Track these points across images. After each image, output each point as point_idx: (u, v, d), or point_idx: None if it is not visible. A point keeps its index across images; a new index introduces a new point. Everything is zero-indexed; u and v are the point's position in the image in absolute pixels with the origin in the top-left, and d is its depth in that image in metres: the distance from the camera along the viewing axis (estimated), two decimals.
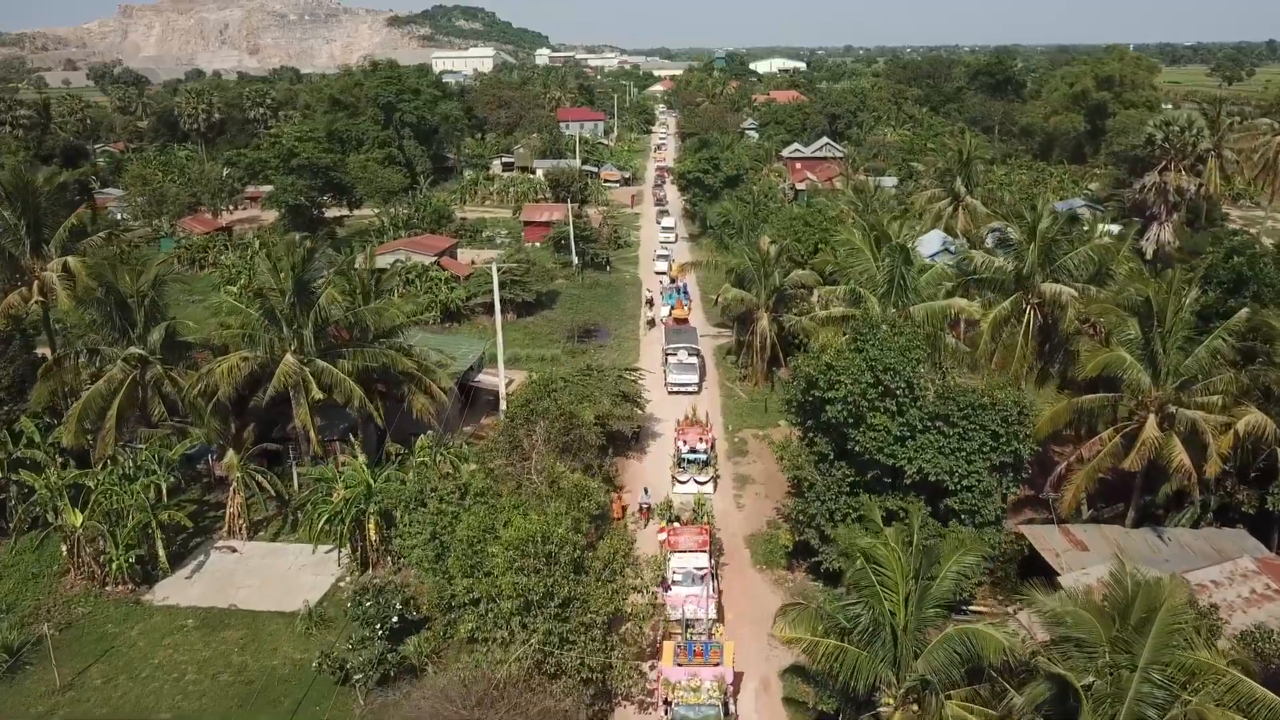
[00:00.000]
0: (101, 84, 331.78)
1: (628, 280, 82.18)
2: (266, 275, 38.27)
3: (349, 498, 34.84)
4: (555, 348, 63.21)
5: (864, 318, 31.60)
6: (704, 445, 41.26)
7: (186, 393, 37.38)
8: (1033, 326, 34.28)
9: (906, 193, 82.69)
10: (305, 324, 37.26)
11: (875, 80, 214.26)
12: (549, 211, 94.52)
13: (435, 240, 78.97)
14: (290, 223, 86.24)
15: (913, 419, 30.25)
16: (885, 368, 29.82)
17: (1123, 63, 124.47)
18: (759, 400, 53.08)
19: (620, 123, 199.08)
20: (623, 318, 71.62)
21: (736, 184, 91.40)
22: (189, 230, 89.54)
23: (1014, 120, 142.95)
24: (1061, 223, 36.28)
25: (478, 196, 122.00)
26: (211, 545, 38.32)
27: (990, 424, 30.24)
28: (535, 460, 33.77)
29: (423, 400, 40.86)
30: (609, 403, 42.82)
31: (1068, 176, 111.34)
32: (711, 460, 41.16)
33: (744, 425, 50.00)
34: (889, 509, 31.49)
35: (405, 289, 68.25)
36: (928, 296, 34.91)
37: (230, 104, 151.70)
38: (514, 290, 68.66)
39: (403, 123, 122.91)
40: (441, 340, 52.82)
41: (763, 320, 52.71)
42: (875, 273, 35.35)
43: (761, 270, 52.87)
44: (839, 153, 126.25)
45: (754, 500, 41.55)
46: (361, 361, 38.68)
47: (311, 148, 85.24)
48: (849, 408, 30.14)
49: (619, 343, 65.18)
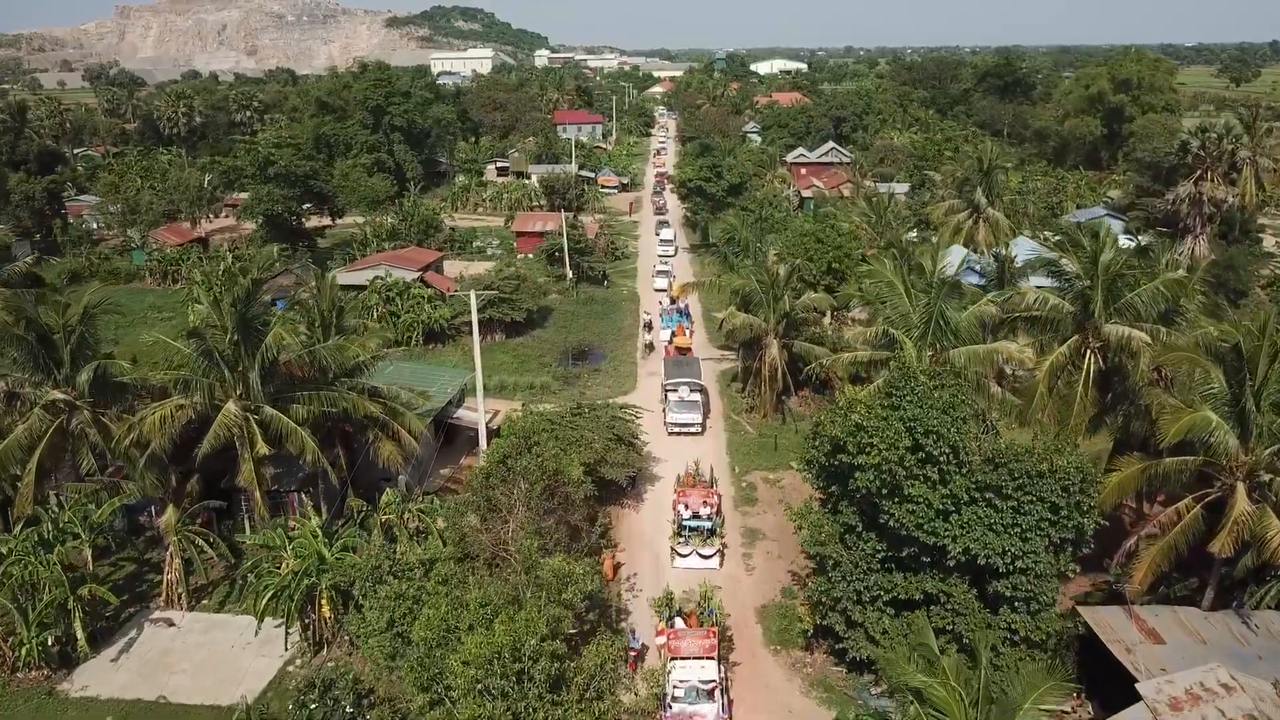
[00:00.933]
0: (96, 85, 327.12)
1: (625, 296, 77.38)
2: (206, 310, 33.46)
3: (298, 570, 30.09)
4: (546, 373, 58.40)
5: (899, 366, 26.73)
6: (708, 510, 35.82)
7: (117, 444, 32.62)
8: (1093, 374, 29.50)
9: (921, 203, 77.91)
10: (251, 366, 32.45)
11: (879, 82, 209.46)
12: (542, 221, 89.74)
13: (419, 254, 74.16)
14: (268, 234, 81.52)
15: (958, 490, 25.47)
16: (926, 430, 25.04)
17: (1140, 64, 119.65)
18: (768, 436, 48.29)
19: (619, 126, 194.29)
20: (619, 338, 66.80)
21: (740, 192, 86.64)
22: (162, 241, 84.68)
23: (1026, 123, 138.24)
24: (1127, 255, 31.32)
25: (469, 203, 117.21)
26: (146, 617, 33.53)
27: (1049, 495, 25.46)
28: (513, 526, 28.98)
29: (390, 448, 36.06)
30: (602, 447, 38.06)
31: (1084, 183, 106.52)
32: (717, 527, 35.79)
33: (752, 466, 45.19)
34: (927, 591, 26.81)
35: (385, 307, 63.51)
36: (969, 338, 30.13)
37: (215, 107, 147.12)
38: (502, 309, 63.91)
39: (392, 127, 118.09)
40: (418, 370, 48.04)
41: (772, 348, 47.92)
42: (909, 309, 30.53)
43: (770, 293, 48.10)
44: (846, 158, 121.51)
45: (766, 562, 36.73)
46: (318, 406, 33.86)
47: (289, 154, 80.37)
48: (883, 477, 25.36)
49: (615, 366, 60.36)
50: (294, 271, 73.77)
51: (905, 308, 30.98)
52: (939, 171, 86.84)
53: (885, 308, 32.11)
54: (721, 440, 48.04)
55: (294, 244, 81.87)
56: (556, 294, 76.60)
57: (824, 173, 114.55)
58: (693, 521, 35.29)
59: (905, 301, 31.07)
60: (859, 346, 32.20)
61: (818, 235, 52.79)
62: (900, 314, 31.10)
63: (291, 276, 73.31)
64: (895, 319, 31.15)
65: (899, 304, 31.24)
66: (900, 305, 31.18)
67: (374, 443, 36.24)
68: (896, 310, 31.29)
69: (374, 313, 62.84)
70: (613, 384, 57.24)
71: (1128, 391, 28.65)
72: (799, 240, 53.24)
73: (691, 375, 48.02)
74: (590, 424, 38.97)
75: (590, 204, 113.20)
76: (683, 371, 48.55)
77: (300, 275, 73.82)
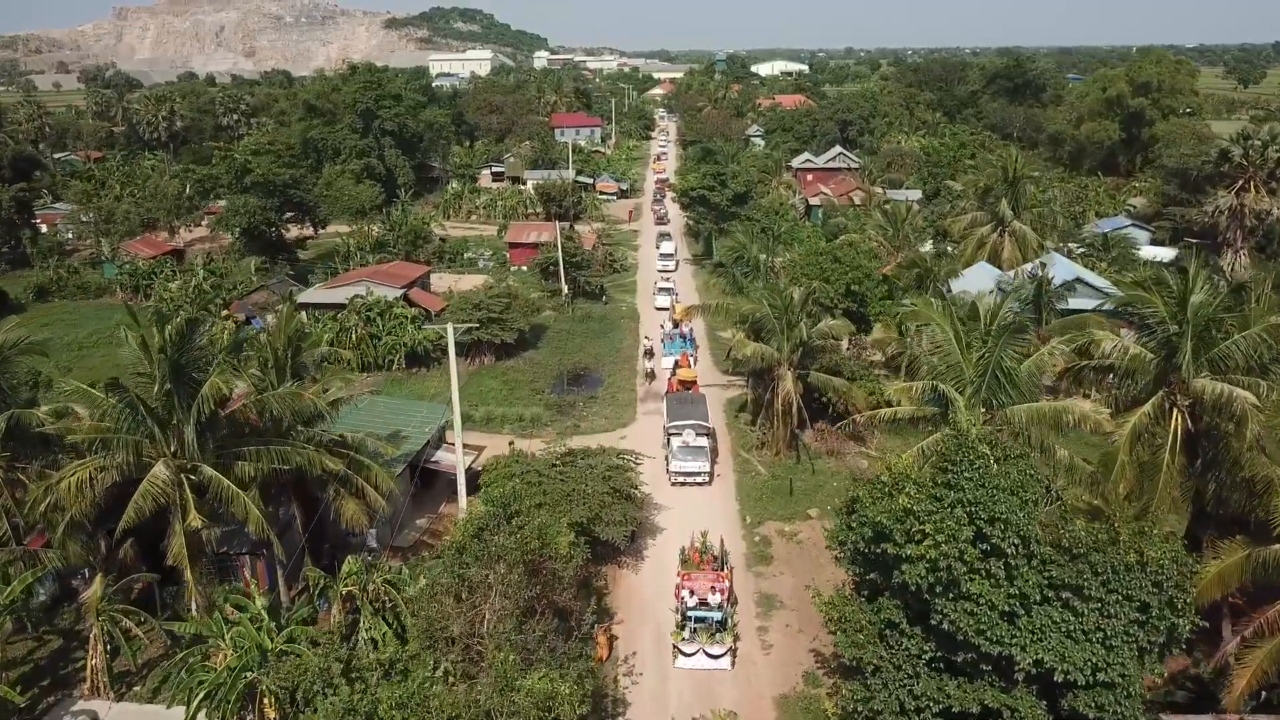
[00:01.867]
0: (92, 87, 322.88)
1: (624, 313, 72.72)
2: (133, 354, 28.82)
3: (235, 665, 25.46)
4: (537, 402, 53.71)
5: (955, 437, 22.07)
6: (718, 598, 30.19)
7: (30, 510, 28.01)
8: (1179, 437, 24.86)
9: (939, 214, 73.31)
10: (186, 420, 27.81)
11: (884, 84, 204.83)
12: (536, 231, 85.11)
13: (403, 269, 69.50)
14: (245, 246, 76.91)
15: (1028, 588, 20.85)
16: (991, 518, 20.42)
17: (1160, 66, 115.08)
18: (781, 477, 43.64)
19: (618, 129, 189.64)
20: (618, 360, 62.13)
21: (745, 201, 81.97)
22: (134, 254, 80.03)
23: (1038, 127, 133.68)
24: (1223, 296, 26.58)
25: (462, 211, 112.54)
26: (66, 708, 28.88)
27: (1139, 592, 20.87)
28: (490, 618, 24.37)
29: (353, 507, 31.44)
30: (597, 503, 33.43)
31: (1103, 190, 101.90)
32: (729, 618, 30.23)
33: (765, 515, 40.49)
34: (986, 705, 22.13)
35: (365, 329, 58.85)
36: (1029, 391, 25.49)
37: (202, 110, 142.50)
38: (491, 330, 59.26)
39: (383, 131, 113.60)
40: (392, 407, 43.39)
41: (786, 379, 43.28)
42: (960, 359, 25.84)
43: (784, 319, 43.49)
44: (854, 163, 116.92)
45: (784, 638, 32.06)
46: (267, 463, 29.22)
47: (268, 162, 75.71)
48: (937, 573, 20.75)
49: (612, 394, 55.69)
50: (271, 288, 69.18)
51: (956, 356, 26.30)
52: (960, 180, 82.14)
53: (930, 352, 27.40)
54: (730, 483, 43.35)
55: (273, 257, 77.25)
56: (551, 311, 72.01)
57: (831, 179, 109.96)
58: (699, 612, 29.82)
59: (957, 350, 26.39)
60: (899, 399, 27.37)
61: (834, 254, 48.14)
62: (950, 364, 26.40)
63: (268, 293, 68.76)
64: (943, 370, 26.43)
65: (949, 353, 26.53)
66: (950, 353, 26.50)
67: (337, 501, 31.61)
68: (946, 360, 26.56)
69: (353, 334, 58.25)
70: (610, 414, 52.60)
71: (1223, 459, 24.05)
72: (814, 259, 48.58)
73: (698, 417, 42.96)
74: (583, 476, 34.30)
75: (588, 212, 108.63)
76: (688, 412, 43.45)
77: (278, 291, 69.27)
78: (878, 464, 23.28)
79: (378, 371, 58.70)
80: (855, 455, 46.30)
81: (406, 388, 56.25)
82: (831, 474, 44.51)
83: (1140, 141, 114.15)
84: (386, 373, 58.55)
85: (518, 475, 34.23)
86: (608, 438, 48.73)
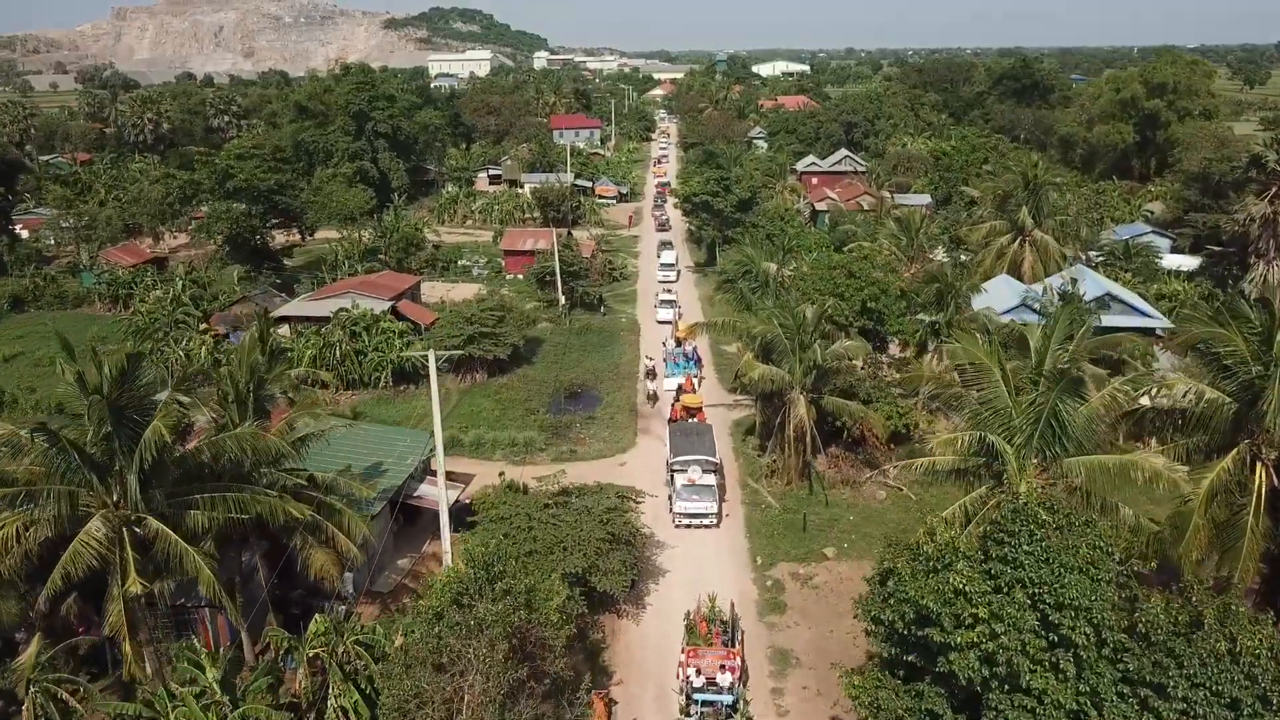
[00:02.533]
0: (88, 87, 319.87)
1: (624, 325, 69.51)
2: (69, 391, 25.62)
3: None
4: (532, 423, 50.45)
5: (1009, 496, 18.85)
6: (729, 677, 26.36)
7: None
8: (1265, 495, 21.62)
9: (955, 221, 70.08)
10: (129, 466, 24.59)
11: (887, 84, 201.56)
12: (533, 239, 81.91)
13: (392, 280, 66.31)
14: (229, 254, 73.68)
15: (1101, 684, 17.65)
16: (1059, 603, 17.24)
17: (1175, 67, 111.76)
18: (794, 510, 40.42)
19: (618, 130, 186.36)
20: (617, 377, 58.92)
21: (750, 208, 78.78)
22: (114, 262, 76.84)
23: (1048, 129, 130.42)
24: None
25: (458, 216, 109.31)
26: None
27: (1230, 688, 17.69)
28: (470, 704, 21.18)
29: (323, 558, 28.23)
30: (593, 550, 30.25)
31: (1117, 194, 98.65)
32: (741, 699, 26.40)
33: (777, 554, 37.27)
34: None
35: (350, 344, 55.66)
36: (1087, 440, 22.26)
37: (192, 111, 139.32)
38: (483, 345, 56.08)
39: (376, 133, 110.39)
40: (373, 436, 40.13)
41: (799, 405, 40.06)
42: (1009, 403, 22.59)
43: (796, 339, 40.30)
44: (860, 166, 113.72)
45: (802, 702, 28.81)
46: (224, 511, 25.99)
47: (252, 167, 72.44)
48: (993, 666, 17.55)
49: (611, 414, 52.46)
50: (254, 299, 65.93)
51: (1004, 401, 23.05)
52: (977, 187, 78.78)
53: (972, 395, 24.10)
54: (738, 518, 40.09)
55: (258, 265, 74.04)
56: (547, 322, 68.84)
57: (837, 183, 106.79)
58: (707, 694, 26.08)
59: (1005, 394, 23.13)
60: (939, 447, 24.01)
61: (849, 268, 44.90)
62: (995, 409, 23.14)
63: (251, 304, 65.49)
64: (988, 417, 23.16)
65: (996, 397, 23.25)
66: (997, 398, 23.22)
67: (304, 551, 28.40)
68: (991, 406, 23.28)
69: (337, 350, 55.05)
70: (609, 437, 49.41)
71: None
72: (826, 273, 45.34)
73: (704, 450, 39.42)
74: (578, 519, 31.10)
75: (586, 217, 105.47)
76: (693, 444, 39.91)
77: (261, 302, 66.02)
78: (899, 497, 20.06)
79: (363, 389, 55.55)
80: (872, 483, 43.15)
81: (394, 408, 53.09)
82: (847, 506, 41.34)
83: (1155, 144, 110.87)
84: (373, 390, 55.40)
85: (506, 518, 31.02)
86: (606, 465, 45.70)
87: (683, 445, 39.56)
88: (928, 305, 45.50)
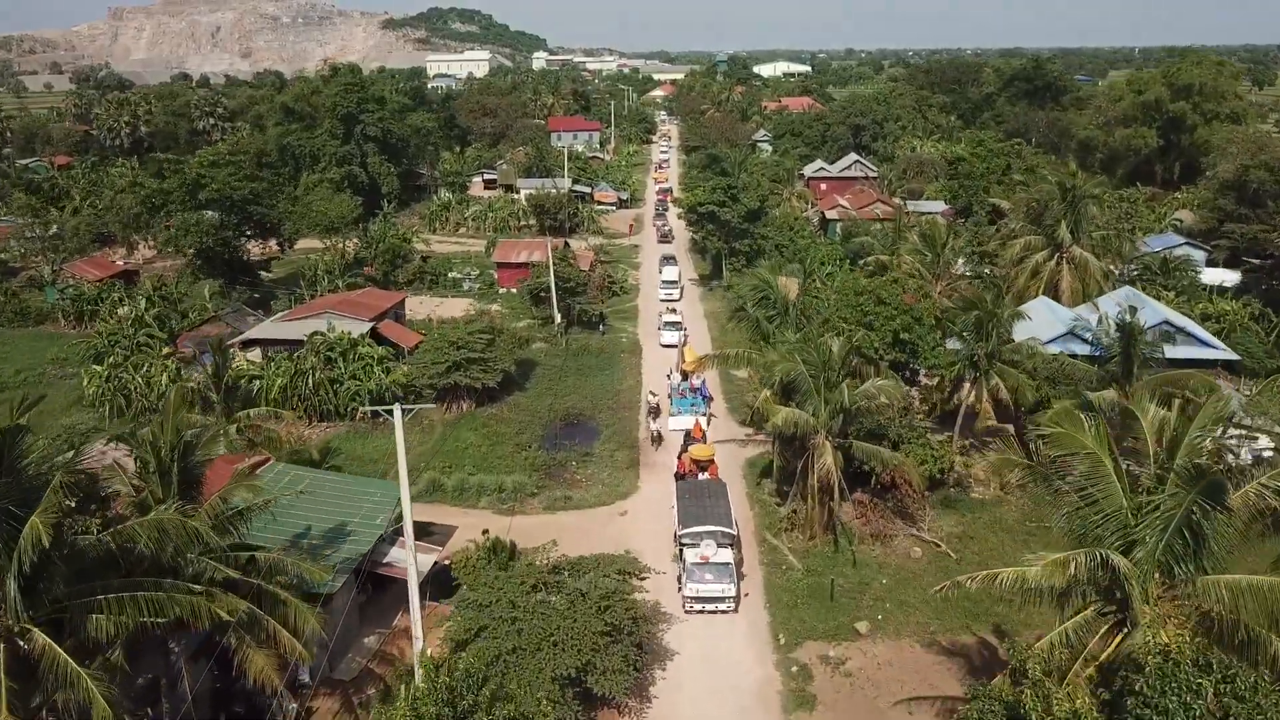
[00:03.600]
0: (82, 88, 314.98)
1: (624, 345, 64.54)
2: None
3: None
4: (522, 465, 45.42)
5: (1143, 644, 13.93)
6: None
7: None
8: None
9: (982, 234, 65.13)
10: (9, 567, 19.65)
11: (893, 85, 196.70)
12: (527, 250, 76.97)
13: (373, 298, 61.36)
14: (201, 268, 68.69)
15: None
16: None
17: (1201, 68, 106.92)
18: (818, 573, 35.49)
19: (617, 132, 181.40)
20: (617, 405, 53.98)
21: (758, 218, 73.86)
22: (79, 276, 71.89)
23: (1064, 132, 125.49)
24: None
25: (450, 223, 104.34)
26: None
27: None
28: None
29: (262, 661, 23.33)
30: (590, 645, 25.33)
31: (1142, 201, 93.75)
32: None
33: (803, 630, 32.26)
34: None
35: (324, 371, 50.75)
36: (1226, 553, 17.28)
37: (176, 113, 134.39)
38: (471, 372, 51.15)
39: (365, 136, 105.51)
40: (339, 489, 35.13)
41: (825, 453, 35.13)
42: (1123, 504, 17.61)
43: (822, 378, 35.41)
44: (871, 171, 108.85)
45: None
46: (135, 615, 21.06)
47: (226, 175, 67.41)
48: None
49: (611, 451, 47.43)
50: (225, 318, 61.01)
51: (1118, 503, 18.00)
52: (1005, 197, 73.78)
53: (1072, 490, 19.04)
54: (757, 583, 35.05)
55: (232, 279, 69.08)
56: (542, 342, 63.92)
57: (848, 189, 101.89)
58: None
59: (1119, 494, 18.06)
60: (1045, 570, 18.58)
61: (879, 294, 39.92)
62: (1106, 513, 18.09)
63: (222, 324, 60.58)
64: (1096, 522, 18.04)
65: (1107, 498, 18.12)
66: (1108, 499, 18.08)
67: (241, 654, 23.49)
68: (1099, 510, 18.17)
69: (310, 379, 50.15)
70: (608, 479, 44.43)
71: None
72: (853, 300, 40.38)
73: (719, 519, 33.67)
74: (571, 607, 26.17)
75: (585, 224, 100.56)
76: (705, 511, 34.13)
77: (232, 322, 61.15)
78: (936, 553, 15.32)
79: (339, 421, 50.66)
80: (905, 538, 38.27)
81: (370, 442, 48.18)
82: (878, 566, 36.42)
83: (1179, 148, 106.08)
84: (349, 423, 50.50)
85: (486, 605, 26.10)
86: (604, 514, 40.88)
87: (693, 513, 34.05)
88: (964, 334, 40.62)
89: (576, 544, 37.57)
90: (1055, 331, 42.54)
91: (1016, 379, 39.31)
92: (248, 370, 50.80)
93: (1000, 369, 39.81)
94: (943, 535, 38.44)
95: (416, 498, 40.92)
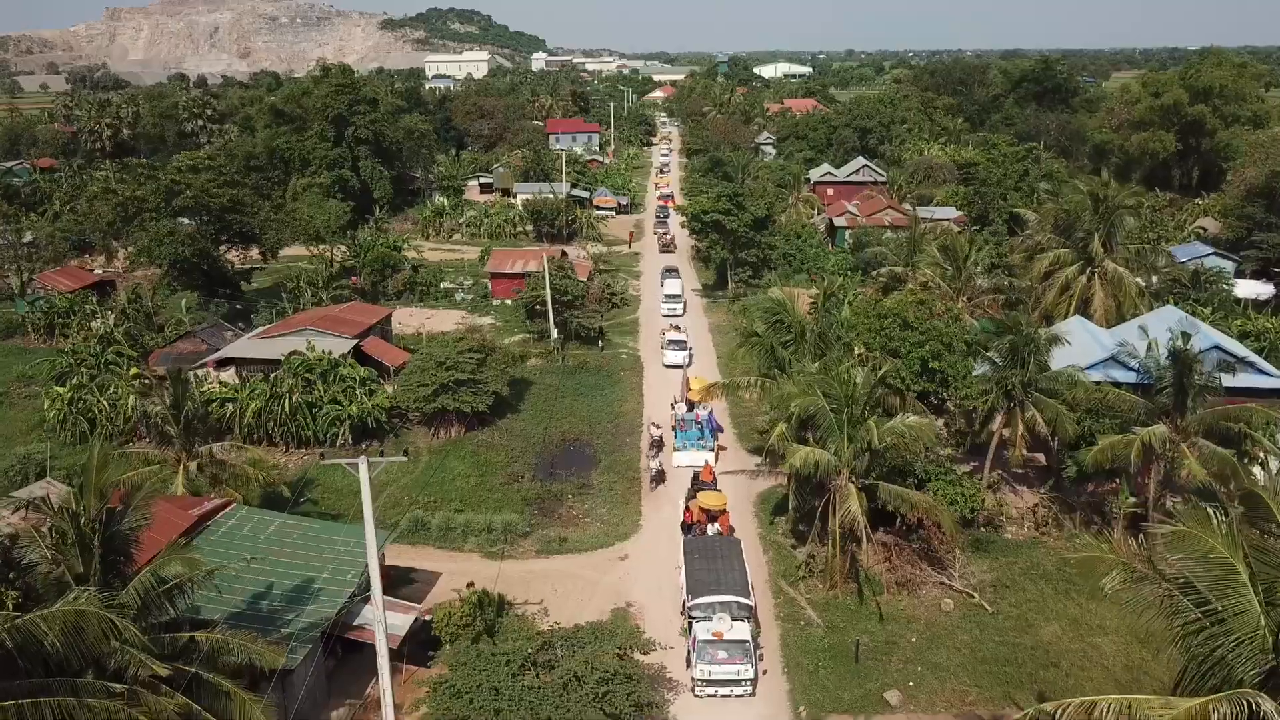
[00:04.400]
0: (77, 89, 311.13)
1: (625, 363, 60.95)
2: None
3: None
4: (514, 500, 41.82)
5: None
6: None
7: None
8: None
9: (1003, 246, 61.56)
10: None
11: (897, 87, 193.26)
12: (522, 260, 73.43)
13: (358, 313, 57.71)
14: (177, 279, 65.08)
15: None
16: None
17: (1222, 70, 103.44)
18: (841, 629, 31.90)
19: (617, 135, 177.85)
20: (617, 429, 50.41)
21: (765, 226, 70.36)
22: (50, 287, 68.29)
23: (1076, 135, 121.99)
24: None
25: (444, 230, 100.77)
26: None
27: None
28: None
29: None
30: None
31: (1161, 208, 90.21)
32: None
33: (826, 700, 28.64)
34: None
35: (301, 395, 47.16)
36: None
37: (164, 115, 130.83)
38: (459, 395, 47.57)
39: (357, 139, 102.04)
40: (306, 538, 31.53)
41: (849, 497, 31.58)
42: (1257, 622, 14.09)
43: (845, 413, 31.87)
44: (880, 176, 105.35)
45: None
46: None
47: (204, 180, 63.75)
48: None
49: (610, 483, 43.83)
50: (200, 334, 57.40)
51: (1252, 623, 14.33)
52: (1027, 206, 70.24)
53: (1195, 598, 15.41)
54: (773, 642, 31.36)
55: (211, 291, 65.50)
56: (537, 358, 60.37)
57: (856, 194, 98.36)
58: None
59: (1255, 608, 14.41)
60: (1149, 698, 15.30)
61: (904, 318, 36.34)
62: (1238, 636, 14.43)
63: (197, 340, 56.99)
64: (1224, 645, 14.43)
65: (1240, 616, 14.44)
66: (1242, 617, 14.43)
67: None
68: (1229, 631, 14.42)
69: (286, 403, 46.56)
70: (606, 516, 40.82)
71: None
72: (875, 323, 36.80)
73: (733, 586, 29.44)
74: (564, 693, 22.60)
75: (583, 231, 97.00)
76: (718, 577, 29.82)
77: (208, 338, 57.54)
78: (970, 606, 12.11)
79: (318, 448, 47.01)
80: (935, 586, 34.72)
81: (350, 474, 44.43)
82: (906, 621, 32.84)
83: (1198, 153, 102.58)
84: (329, 449, 46.88)
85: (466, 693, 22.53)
86: (603, 558, 37.28)
87: (703, 579, 29.78)
88: (997, 360, 37.12)
89: (571, 595, 34.13)
90: (1095, 356, 38.96)
91: (1056, 410, 35.76)
92: (220, 393, 47.23)
93: (1037, 399, 36.28)
94: (975, 583, 34.88)
95: (399, 539, 37.62)
